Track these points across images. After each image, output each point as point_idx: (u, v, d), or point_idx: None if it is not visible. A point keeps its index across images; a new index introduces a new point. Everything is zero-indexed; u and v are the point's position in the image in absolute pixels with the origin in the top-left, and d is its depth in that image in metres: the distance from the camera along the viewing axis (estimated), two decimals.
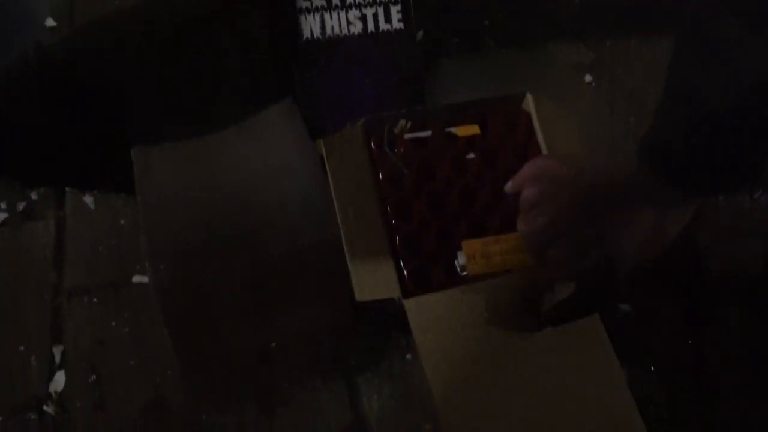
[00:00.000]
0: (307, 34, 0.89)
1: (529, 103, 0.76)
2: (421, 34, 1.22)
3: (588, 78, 1.17)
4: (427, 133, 0.74)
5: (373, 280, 0.69)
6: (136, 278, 0.86)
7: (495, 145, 0.75)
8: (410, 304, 0.67)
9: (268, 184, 0.77)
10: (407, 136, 0.73)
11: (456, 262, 0.70)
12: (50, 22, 1.13)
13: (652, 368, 0.78)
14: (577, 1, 1.35)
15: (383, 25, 0.91)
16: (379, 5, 0.91)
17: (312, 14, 0.89)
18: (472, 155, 0.74)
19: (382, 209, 0.72)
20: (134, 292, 0.85)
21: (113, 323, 0.82)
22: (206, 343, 0.76)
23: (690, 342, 0.81)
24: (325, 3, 0.89)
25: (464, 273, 0.70)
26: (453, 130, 0.75)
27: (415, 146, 0.74)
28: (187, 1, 0.93)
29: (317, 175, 0.78)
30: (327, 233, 0.73)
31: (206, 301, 0.72)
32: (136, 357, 0.79)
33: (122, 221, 0.93)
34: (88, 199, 0.96)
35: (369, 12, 0.90)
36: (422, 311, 0.67)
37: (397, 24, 0.91)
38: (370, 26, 0.91)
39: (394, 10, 0.91)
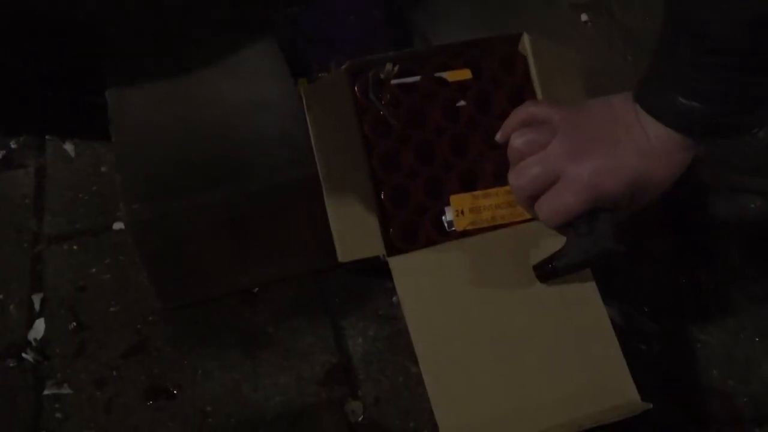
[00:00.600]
0: None
1: (526, 44, 0.71)
2: None
3: (584, 17, 1.13)
4: (416, 79, 0.69)
5: (356, 238, 0.65)
6: (117, 225, 0.84)
7: (488, 91, 0.70)
8: (395, 262, 0.64)
9: (245, 119, 0.75)
10: (394, 81, 0.69)
11: (443, 217, 0.67)
12: None
13: (645, 309, 0.76)
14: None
15: None
16: None
17: None
18: (463, 102, 0.70)
19: (367, 160, 0.67)
20: (115, 238, 0.83)
21: (94, 270, 0.80)
22: (187, 283, 0.74)
23: (685, 281, 0.79)
24: None
25: (452, 229, 0.67)
26: (444, 75, 0.70)
27: (403, 92, 0.69)
28: None
29: (297, 112, 0.74)
30: (308, 170, 0.71)
31: (184, 240, 0.70)
32: (117, 303, 0.77)
33: (103, 168, 0.91)
34: (69, 147, 0.94)
35: None
36: (407, 269, 0.64)
37: None
38: None
39: None
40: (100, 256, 0.81)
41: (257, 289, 0.77)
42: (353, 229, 0.66)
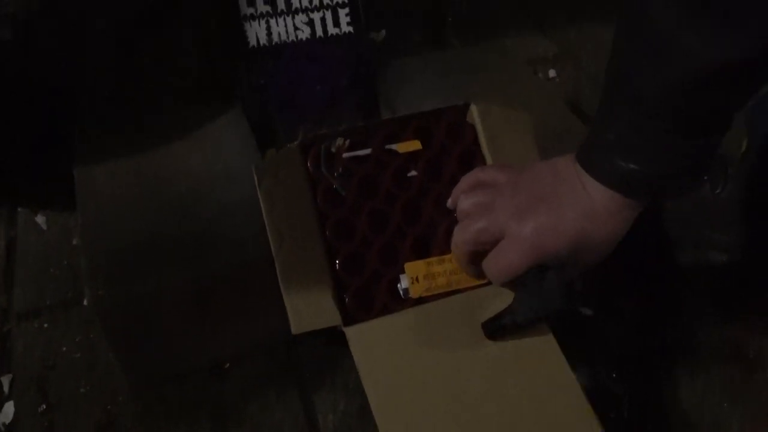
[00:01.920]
0: (252, 41, 0.87)
1: (474, 113, 0.73)
2: (383, 33, 1.20)
3: (552, 73, 1.15)
4: (367, 151, 0.71)
5: (311, 309, 0.64)
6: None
7: (438, 159, 0.72)
8: (351, 332, 0.64)
9: (211, 192, 0.76)
10: (346, 155, 0.71)
11: (399, 285, 0.68)
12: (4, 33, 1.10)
13: (614, 374, 0.76)
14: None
15: (332, 29, 0.89)
16: (327, 9, 0.88)
17: (257, 21, 0.86)
18: (414, 172, 0.71)
19: (320, 231, 0.67)
20: (85, 314, 0.83)
21: (64, 348, 0.80)
22: (156, 362, 0.74)
23: (652, 340, 0.80)
24: (270, 9, 0.87)
25: (408, 296, 0.68)
26: (394, 146, 0.72)
27: (355, 164, 0.70)
28: None
29: None
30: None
31: (151, 320, 0.70)
32: (86, 383, 0.77)
33: (74, 240, 0.91)
34: (40, 219, 0.94)
35: (317, 16, 0.88)
36: (364, 339, 0.64)
37: (346, 27, 0.89)
38: (319, 31, 0.89)
39: (342, 13, 0.89)
40: (70, 334, 0.81)
41: (227, 364, 0.77)
42: (307, 300, 0.65)
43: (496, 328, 0.63)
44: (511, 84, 0.93)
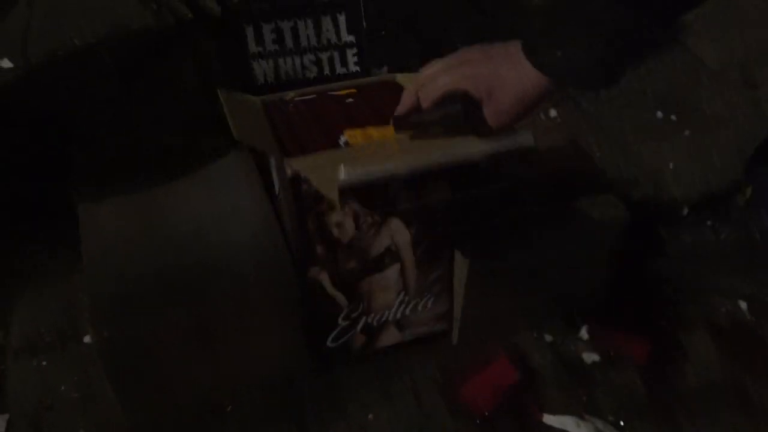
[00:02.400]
0: (261, 79, 0.87)
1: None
2: (385, 70, 1.20)
3: (553, 113, 1.15)
4: (312, 96, 0.83)
5: (252, 134, 0.74)
6: (87, 338, 0.82)
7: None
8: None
9: (215, 228, 0.75)
10: (297, 98, 0.82)
11: (339, 140, 0.72)
12: (6, 63, 1.10)
13: (621, 423, 0.76)
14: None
15: (339, 69, 0.89)
16: (335, 49, 0.89)
17: (265, 60, 0.87)
18: (350, 100, 0.81)
19: (270, 127, 0.76)
20: (84, 350, 0.81)
21: (62, 387, 0.78)
22: (156, 399, 0.73)
23: (660, 388, 0.79)
24: (278, 48, 0.87)
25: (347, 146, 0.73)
26: (334, 92, 0.83)
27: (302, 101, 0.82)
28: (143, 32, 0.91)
29: (268, 219, 0.75)
30: (277, 282, 0.71)
31: (152, 356, 0.69)
32: (85, 423, 0.75)
33: (74, 277, 0.90)
34: (40, 252, 0.93)
35: (324, 56, 0.89)
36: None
37: (353, 67, 0.90)
38: (326, 70, 0.89)
39: (350, 53, 0.89)
40: (68, 372, 0.79)
41: (230, 407, 0.76)
42: (251, 132, 0.74)
43: (402, 122, 0.69)
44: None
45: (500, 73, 0.65)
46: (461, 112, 0.67)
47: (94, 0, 0.94)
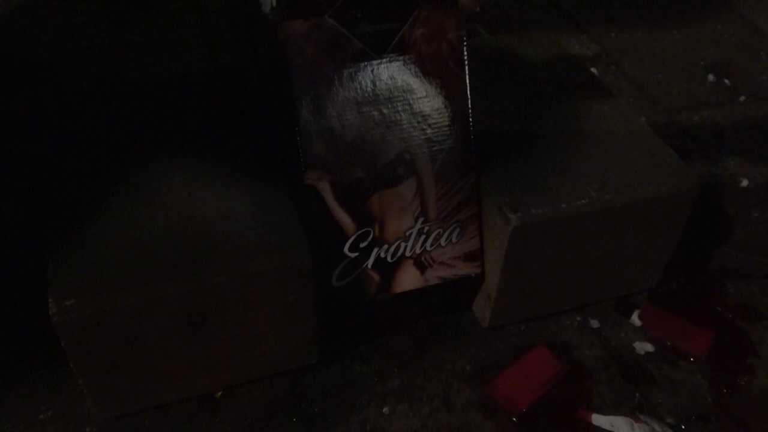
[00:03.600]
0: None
1: None
2: None
3: (593, 71, 1.03)
4: None
5: None
6: None
7: None
8: None
9: (214, 191, 0.62)
10: None
11: None
12: None
13: (683, 427, 0.64)
14: None
15: None
16: None
17: None
18: None
19: None
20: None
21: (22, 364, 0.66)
22: (132, 390, 0.61)
23: (725, 389, 0.68)
24: None
25: None
26: None
27: None
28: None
29: (276, 184, 0.63)
30: (285, 258, 0.58)
31: (130, 342, 0.57)
32: (48, 408, 0.63)
33: None
34: None
35: None
36: None
37: None
38: None
39: None
40: (30, 347, 0.67)
41: (220, 393, 0.64)
42: None
43: None
44: (562, 75, 0.81)
45: None
46: None
47: None
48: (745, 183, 0.86)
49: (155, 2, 0.95)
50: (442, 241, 0.65)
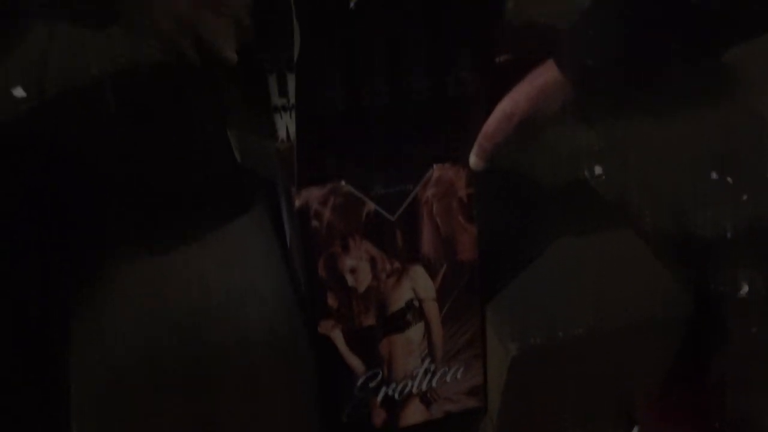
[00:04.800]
0: (282, 135, 0.78)
1: None
2: None
3: (598, 170, 1.06)
4: None
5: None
6: None
7: None
8: None
9: (226, 310, 0.66)
10: None
11: None
12: (19, 93, 1.04)
13: None
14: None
15: None
16: None
17: (289, 113, 0.78)
18: None
19: None
20: None
21: None
22: None
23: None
24: None
25: None
26: None
27: None
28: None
29: (286, 301, 0.67)
30: (296, 372, 0.62)
31: None
32: None
33: None
34: None
35: None
36: None
37: None
38: None
39: None
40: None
41: None
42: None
43: None
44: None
45: None
46: None
47: (116, 38, 0.88)
48: (745, 290, 0.88)
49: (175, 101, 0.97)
50: (448, 378, 0.69)
